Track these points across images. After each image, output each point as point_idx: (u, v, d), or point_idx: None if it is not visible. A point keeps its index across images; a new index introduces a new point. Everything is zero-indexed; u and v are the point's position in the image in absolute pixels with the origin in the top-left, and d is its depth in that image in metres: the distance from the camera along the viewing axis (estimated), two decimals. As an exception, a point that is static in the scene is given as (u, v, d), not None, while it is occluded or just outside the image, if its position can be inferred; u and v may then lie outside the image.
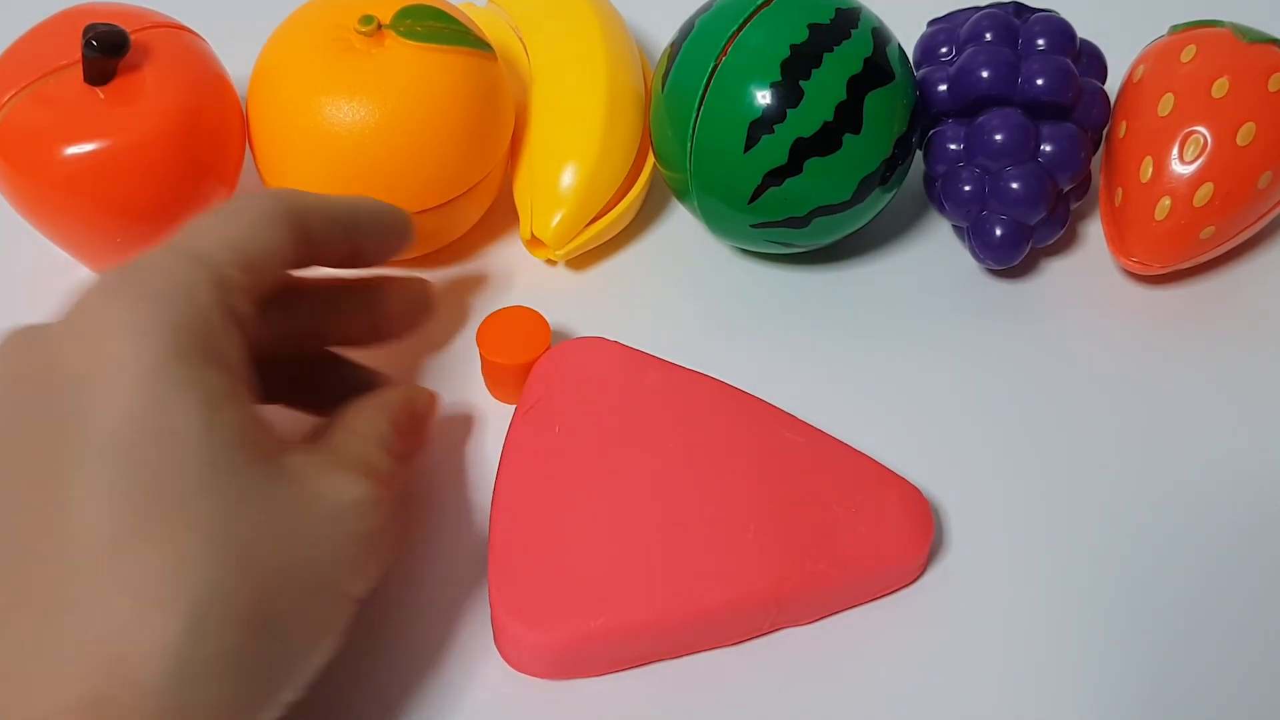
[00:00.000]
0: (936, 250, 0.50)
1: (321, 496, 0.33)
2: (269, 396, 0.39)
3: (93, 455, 0.29)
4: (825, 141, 0.44)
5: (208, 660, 0.29)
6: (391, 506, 0.35)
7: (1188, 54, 0.47)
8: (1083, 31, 0.48)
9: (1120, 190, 0.47)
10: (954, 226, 0.50)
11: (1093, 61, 0.48)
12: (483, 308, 0.44)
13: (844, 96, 0.43)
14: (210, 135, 0.44)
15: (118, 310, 0.31)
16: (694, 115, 0.45)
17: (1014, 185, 0.46)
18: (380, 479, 0.35)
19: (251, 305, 0.34)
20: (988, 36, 0.47)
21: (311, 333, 0.41)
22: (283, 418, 0.39)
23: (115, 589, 0.29)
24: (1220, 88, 0.45)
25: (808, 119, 0.43)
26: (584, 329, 0.47)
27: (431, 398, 0.41)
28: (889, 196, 0.47)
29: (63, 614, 0.29)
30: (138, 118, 0.42)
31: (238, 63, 0.47)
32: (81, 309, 0.32)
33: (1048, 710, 0.38)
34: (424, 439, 0.40)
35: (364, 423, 0.37)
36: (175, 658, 0.28)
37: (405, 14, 0.44)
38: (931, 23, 0.50)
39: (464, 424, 0.44)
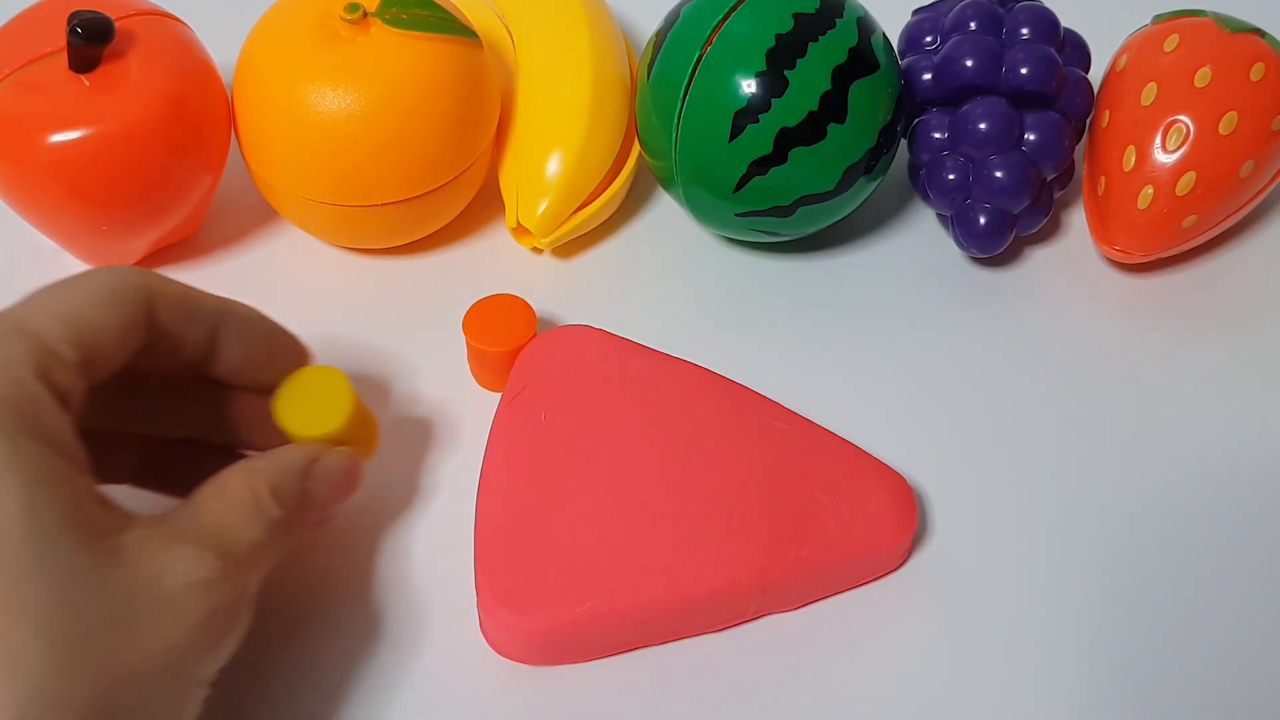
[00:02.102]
0: (921, 239, 0.51)
1: (158, 577, 0.30)
2: (118, 476, 0.38)
3: None
4: (810, 131, 0.44)
5: None
6: (247, 581, 0.32)
7: (1170, 43, 0.47)
8: (1066, 21, 0.48)
9: (1103, 179, 0.48)
10: (938, 215, 0.50)
11: (1076, 51, 0.48)
12: (468, 295, 0.44)
13: (829, 86, 0.43)
14: (196, 123, 0.44)
15: None
16: (679, 104, 0.45)
17: (998, 174, 0.46)
18: (237, 552, 0.32)
19: (82, 382, 0.32)
20: (972, 25, 0.47)
21: (163, 420, 0.38)
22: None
23: None
24: (1203, 77, 0.45)
25: (793, 108, 0.43)
26: (570, 317, 0.47)
27: (348, 457, 0.37)
28: (874, 185, 0.47)
29: None
30: (123, 105, 0.42)
31: (223, 50, 0.47)
32: None
33: (1031, 695, 0.38)
34: (330, 501, 0.36)
35: (233, 487, 0.33)
36: None
37: (391, 2, 0.44)
38: (916, 12, 0.50)
39: (450, 411, 0.44)
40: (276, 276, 0.49)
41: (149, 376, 0.36)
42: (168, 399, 0.37)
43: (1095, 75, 0.49)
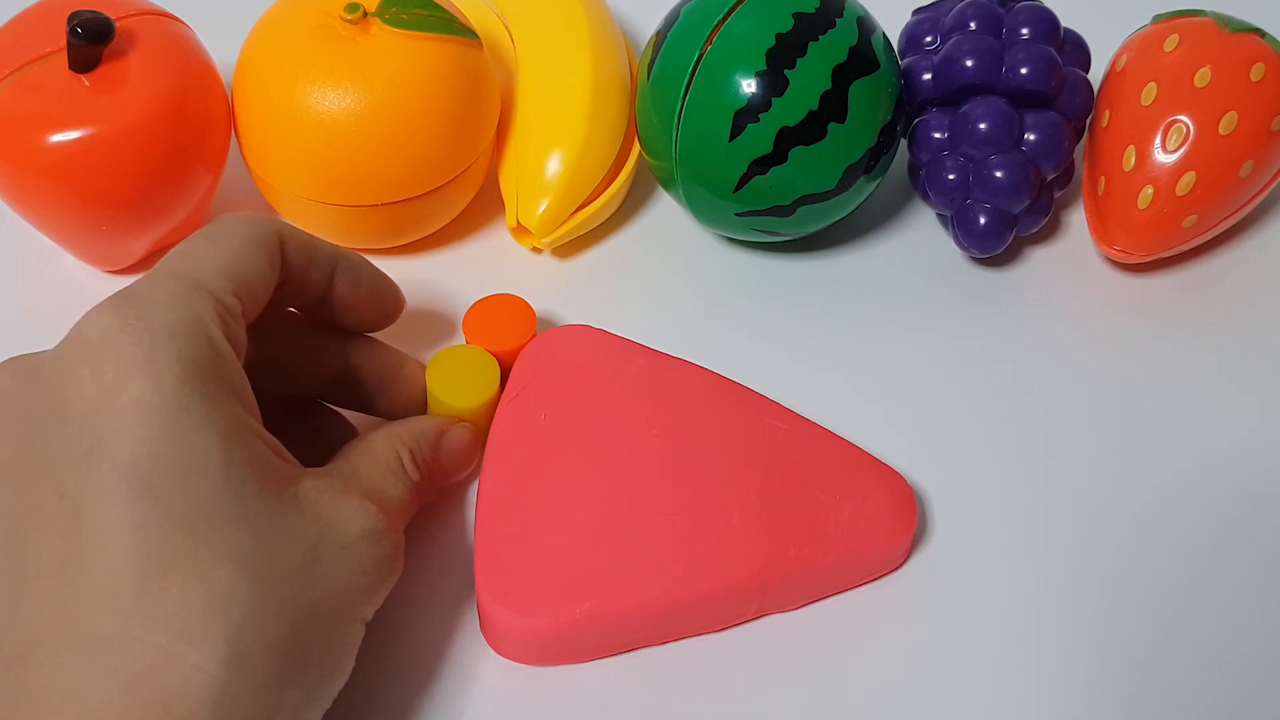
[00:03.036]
0: (921, 239, 0.51)
1: (336, 525, 0.33)
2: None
3: (116, 492, 0.29)
4: (810, 130, 0.44)
5: (244, 696, 0.29)
6: (400, 534, 0.35)
7: (1170, 43, 0.47)
8: (1066, 20, 0.48)
9: (1103, 179, 0.48)
10: (938, 215, 0.50)
11: (1076, 50, 0.48)
12: (468, 296, 0.44)
13: (829, 85, 0.43)
14: (196, 123, 0.44)
15: (128, 343, 0.31)
16: (679, 104, 0.45)
17: (998, 174, 0.46)
18: (390, 507, 0.35)
19: (245, 329, 0.34)
20: (972, 25, 0.47)
21: (296, 373, 0.40)
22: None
23: (148, 625, 0.28)
24: (1203, 77, 0.45)
25: (793, 108, 0.43)
26: (569, 317, 0.47)
27: (471, 433, 0.40)
28: (874, 185, 0.47)
29: (91, 651, 0.28)
30: (123, 105, 0.42)
31: (223, 50, 0.47)
32: (84, 341, 0.31)
33: (1030, 695, 0.38)
34: (451, 472, 0.40)
35: (380, 449, 0.37)
36: (214, 695, 0.28)
37: (391, 1, 0.44)
38: (916, 11, 0.50)
39: (450, 411, 0.44)
40: (276, 276, 0.48)
41: (282, 328, 0.39)
42: (301, 352, 0.40)
43: (1095, 75, 0.49)
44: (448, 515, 0.41)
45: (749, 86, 0.43)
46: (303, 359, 0.40)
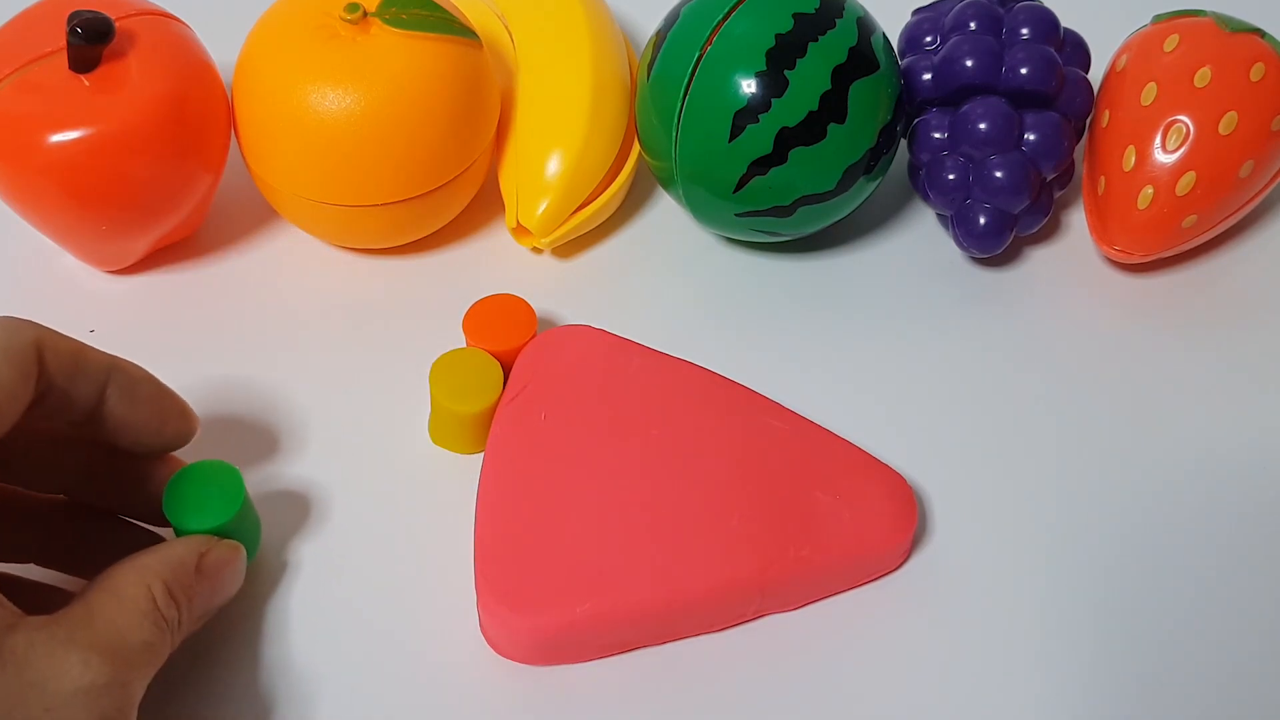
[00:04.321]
0: (921, 239, 0.51)
1: (44, 683, 0.29)
2: (21, 555, 0.37)
3: None
4: (810, 131, 0.44)
5: None
6: (135, 685, 0.32)
7: (1170, 43, 0.47)
8: (1066, 21, 0.48)
9: (1103, 179, 0.48)
10: (938, 215, 0.50)
11: (1076, 50, 0.48)
12: (468, 295, 0.44)
13: (829, 86, 0.43)
14: (195, 123, 0.44)
15: None
16: (679, 104, 0.45)
17: (998, 174, 0.46)
18: (130, 655, 0.31)
19: None
20: (972, 25, 0.47)
21: (45, 478, 0.37)
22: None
23: None
24: (1202, 77, 0.45)
25: (793, 108, 0.43)
26: (569, 317, 0.47)
27: (233, 550, 0.36)
28: (874, 185, 0.47)
29: None
30: (123, 105, 0.42)
31: (223, 50, 0.47)
32: None
33: (1030, 696, 0.38)
34: (215, 596, 0.36)
35: (126, 586, 0.33)
36: None
37: (390, 2, 0.44)
38: (916, 12, 0.50)
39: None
40: (276, 276, 0.49)
41: (40, 435, 0.35)
42: (60, 460, 0.37)
43: (1095, 75, 0.49)
44: (447, 515, 0.41)
45: (749, 87, 0.43)
46: (50, 468, 0.37)
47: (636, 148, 0.49)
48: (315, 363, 0.46)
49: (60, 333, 0.34)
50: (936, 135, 0.47)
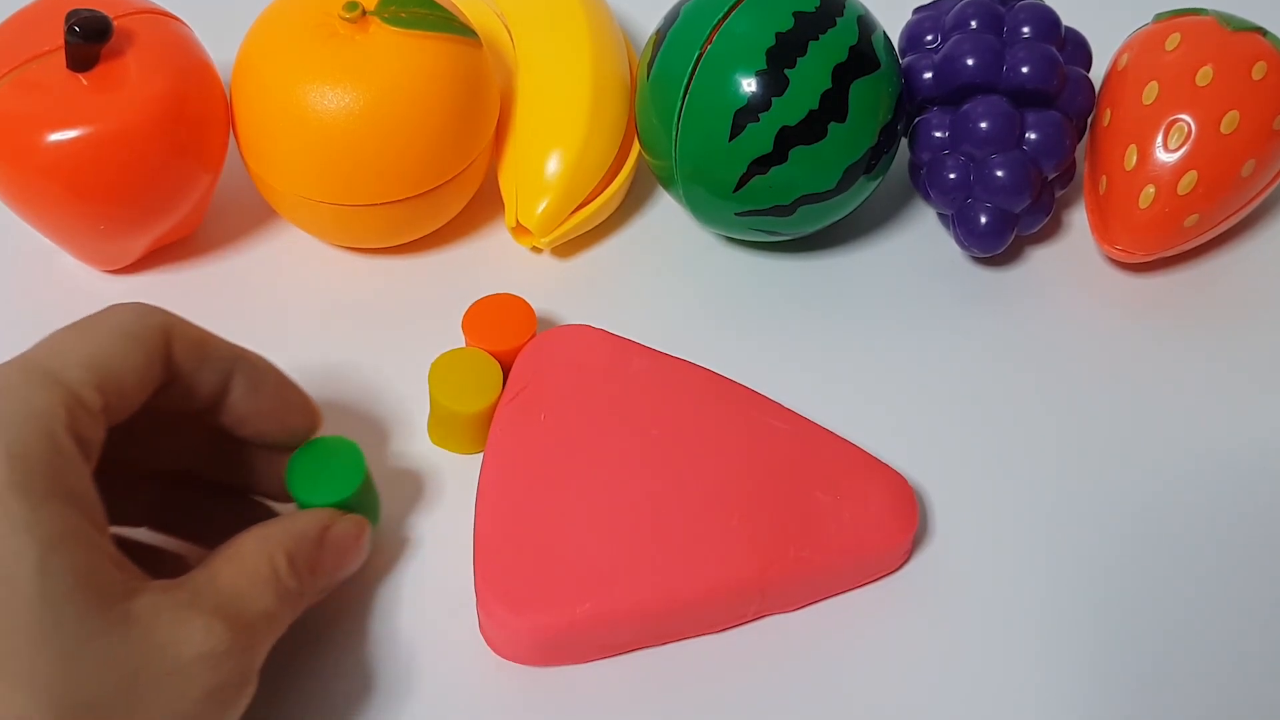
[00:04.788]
0: (922, 238, 0.51)
1: (167, 647, 0.30)
2: (135, 519, 0.37)
3: None
4: (810, 130, 0.44)
5: None
6: (256, 652, 0.32)
7: (1172, 42, 0.47)
8: (1068, 19, 0.48)
9: (1104, 178, 0.47)
10: (939, 214, 0.50)
11: (1077, 49, 0.48)
12: (468, 295, 0.44)
13: (829, 85, 0.43)
14: (194, 122, 0.44)
15: None
16: (679, 103, 0.45)
17: (999, 173, 0.46)
18: (251, 622, 0.32)
19: (103, 428, 0.31)
20: (973, 24, 0.47)
21: (175, 459, 0.37)
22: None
23: None
24: (1204, 76, 0.45)
25: (793, 107, 0.43)
26: (569, 316, 0.47)
27: (359, 525, 0.37)
28: (874, 185, 0.47)
29: None
30: (121, 104, 0.42)
31: (222, 49, 0.47)
32: None
33: (1031, 697, 0.38)
34: (338, 569, 0.36)
35: (249, 554, 0.33)
36: None
37: (390, 0, 0.44)
38: (917, 10, 0.50)
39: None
40: (275, 276, 0.48)
41: (161, 416, 0.35)
42: (180, 440, 0.37)
43: (1096, 74, 0.49)
44: (447, 515, 0.41)
45: (749, 86, 0.43)
46: (179, 450, 0.37)
47: (636, 147, 0.49)
48: (314, 363, 0.45)
49: (188, 321, 0.34)
50: (937, 134, 0.47)
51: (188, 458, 0.38)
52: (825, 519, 0.39)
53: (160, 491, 0.38)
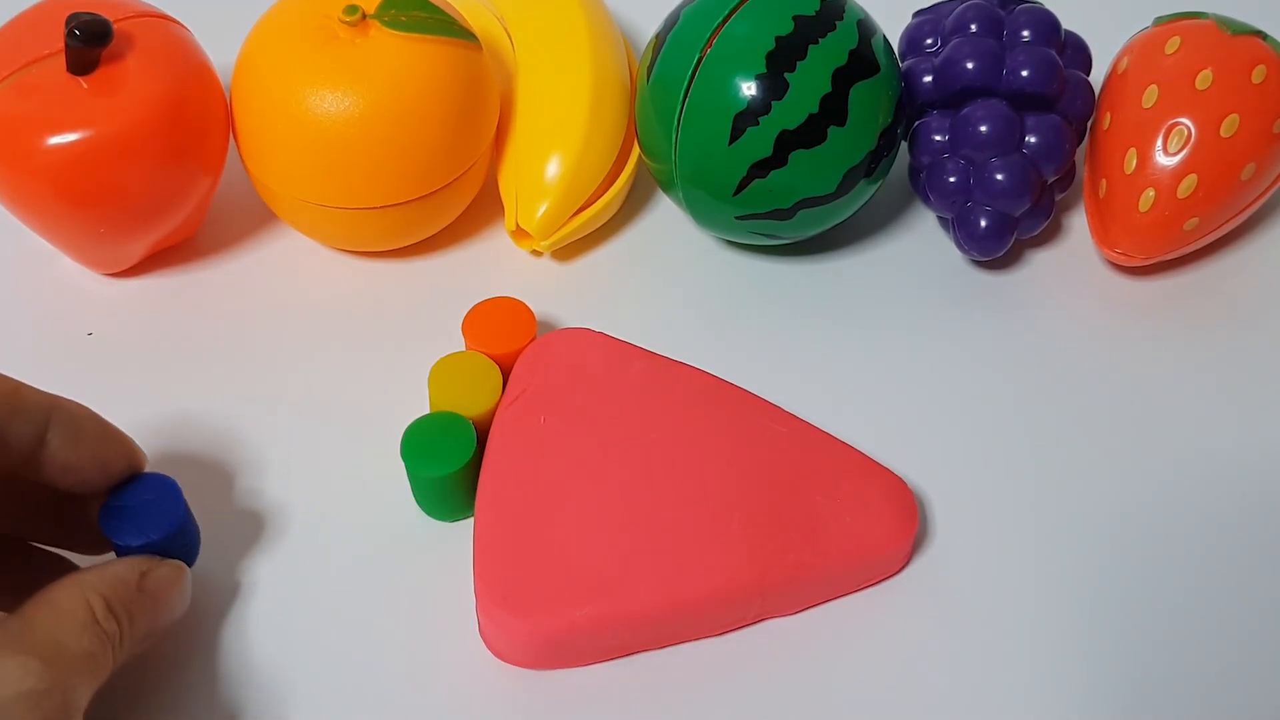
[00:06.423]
0: (921, 242, 0.51)
1: None
2: None
3: None
4: (810, 133, 0.44)
5: None
6: (77, 693, 0.31)
7: (1172, 45, 0.47)
8: (1068, 23, 0.48)
9: (1104, 182, 0.47)
10: (939, 218, 0.50)
11: (1077, 53, 0.48)
12: (468, 298, 0.44)
13: (829, 89, 0.43)
14: (194, 125, 0.44)
15: None
16: (679, 107, 0.45)
17: (999, 176, 0.46)
18: (70, 663, 0.31)
19: None
20: (973, 28, 0.47)
21: None
22: None
23: None
24: (1204, 79, 0.45)
25: (793, 111, 0.43)
26: (569, 320, 0.47)
27: (176, 570, 0.36)
28: (874, 188, 0.47)
29: None
30: (121, 108, 0.42)
31: (222, 52, 0.47)
32: None
33: (1031, 700, 0.38)
34: (159, 614, 0.35)
35: (65, 599, 0.32)
36: None
37: (389, 4, 0.44)
38: (917, 14, 0.50)
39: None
40: (275, 279, 0.48)
41: None
42: None
43: (1096, 77, 0.49)
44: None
45: (749, 89, 0.43)
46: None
47: (636, 150, 0.49)
48: (314, 366, 0.46)
49: None
50: (937, 138, 0.47)
51: None
52: (825, 522, 0.39)
53: None
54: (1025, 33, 0.47)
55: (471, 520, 0.40)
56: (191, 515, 0.38)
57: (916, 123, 0.48)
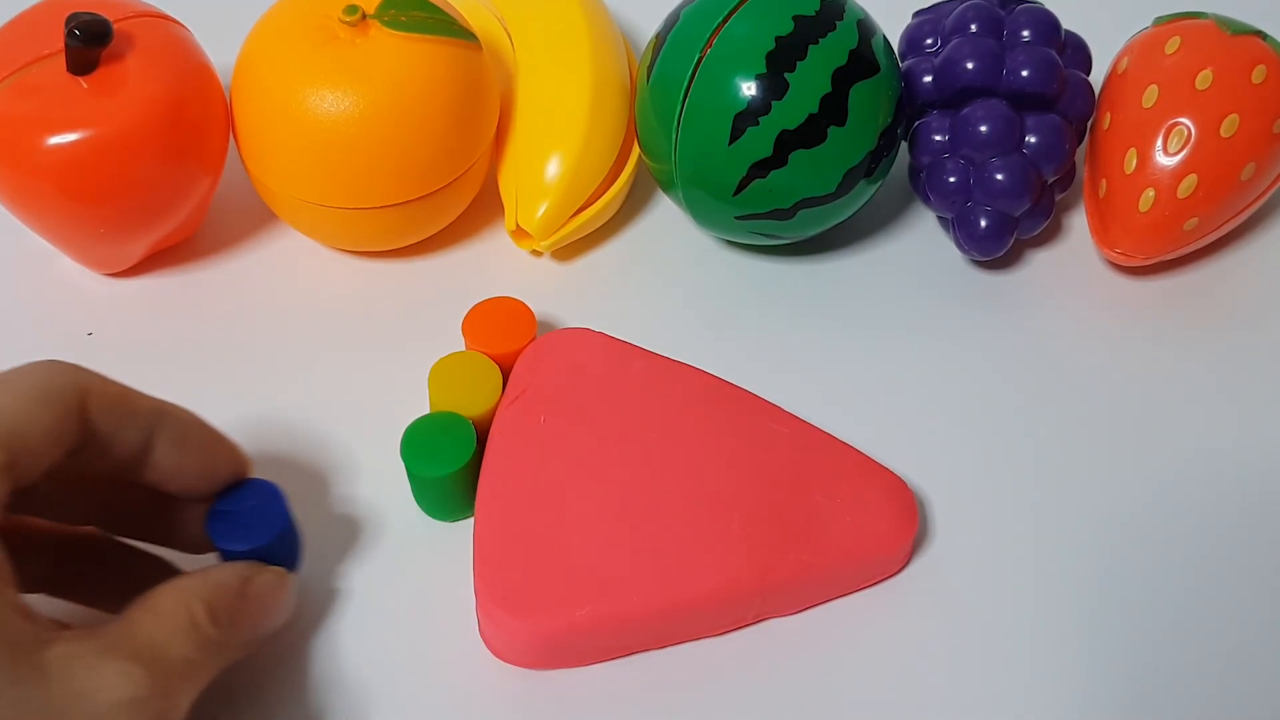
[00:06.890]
0: (921, 242, 0.51)
1: (83, 695, 0.29)
2: (30, 585, 0.34)
3: None
4: (810, 133, 0.44)
5: None
6: (177, 699, 0.31)
7: (1172, 45, 0.47)
8: (1068, 23, 0.48)
9: (1104, 182, 0.47)
10: (939, 218, 0.50)
11: (1077, 53, 0.48)
12: (468, 298, 0.44)
13: (829, 89, 0.43)
14: (194, 125, 0.44)
15: None
16: (679, 107, 0.45)
17: (999, 176, 0.46)
18: (171, 669, 0.31)
19: (7, 485, 0.30)
20: (973, 28, 0.47)
21: (91, 520, 0.37)
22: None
23: None
24: (1204, 79, 0.45)
25: (793, 111, 0.43)
26: (569, 320, 0.47)
27: (279, 577, 0.36)
28: (874, 188, 0.47)
29: None
30: (121, 107, 0.42)
31: (222, 52, 0.47)
32: None
33: (1031, 699, 0.38)
34: (260, 621, 0.35)
35: (167, 604, 0.32)
36: None
37: (390, 4, 0.44)
38: (917, 14, 0.50)
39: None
40: (275, 279, 0.48)
41: (75, 474, 0.34)
42: (93, 496, 0.36)
43: (1096, 77, 0.49)
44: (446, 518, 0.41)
45: (749, 89, 0.43)
46: (93, 509, 0.36)
47: (636, 150, 0.49)
48: (314, 366, 0.46)
49: (107, 378, 0.33)
50: (937, 138, 0.47)
51: (104, 516, 0.37)
52: (825, 522, 0.39)
53: (59, 556, 0.36)
54: (1025, 33, 0.47)
55: (471, 520, 0.40)
56: (295, 522, 0.38)
57: (916, 123, 0.48)
